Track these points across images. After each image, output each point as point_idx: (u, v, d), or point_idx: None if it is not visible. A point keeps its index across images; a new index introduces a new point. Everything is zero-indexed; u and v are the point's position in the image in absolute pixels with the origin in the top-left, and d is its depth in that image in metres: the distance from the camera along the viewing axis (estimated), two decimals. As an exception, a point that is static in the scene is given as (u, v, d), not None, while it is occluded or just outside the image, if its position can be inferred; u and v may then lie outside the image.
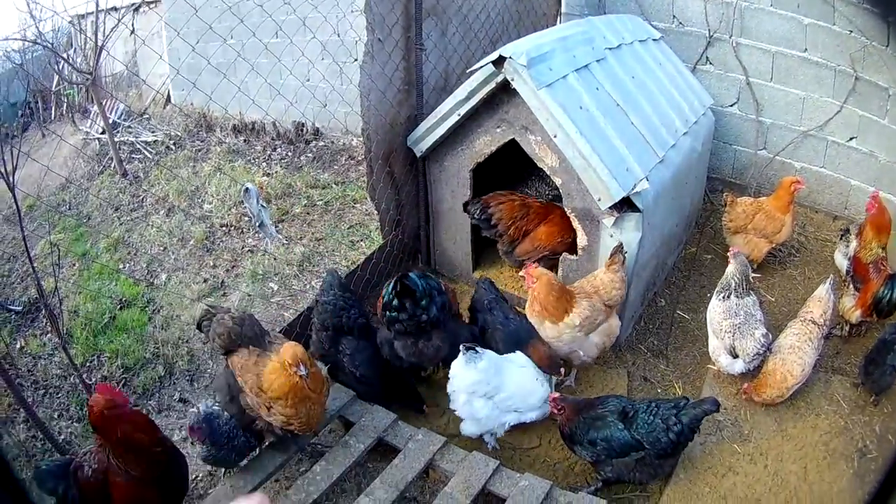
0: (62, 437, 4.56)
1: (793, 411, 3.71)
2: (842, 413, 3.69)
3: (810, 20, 4.87)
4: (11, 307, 5.84)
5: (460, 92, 3.90)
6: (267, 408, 3.23)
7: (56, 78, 9.63)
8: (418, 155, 4.45)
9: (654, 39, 4.94)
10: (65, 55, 8.71)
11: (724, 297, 3.82)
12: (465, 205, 4.48)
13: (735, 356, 3.77)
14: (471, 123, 4.07)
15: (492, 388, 3.44)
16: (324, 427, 3.79)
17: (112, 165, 7.59)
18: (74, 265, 6.37)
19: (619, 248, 3.75)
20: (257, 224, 4.24)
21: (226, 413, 3.37)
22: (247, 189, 4.01)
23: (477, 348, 3.42)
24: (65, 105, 9.79)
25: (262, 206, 3.97)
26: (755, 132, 5.49)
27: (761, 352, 3.66)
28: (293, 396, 3.15)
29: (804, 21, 4.90)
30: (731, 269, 3.84)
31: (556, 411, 3.35)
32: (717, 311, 3.84)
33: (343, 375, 3.86)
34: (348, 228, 6.29)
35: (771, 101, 5.35)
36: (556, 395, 3.39)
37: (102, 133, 8.03)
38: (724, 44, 5.33)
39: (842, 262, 4.54)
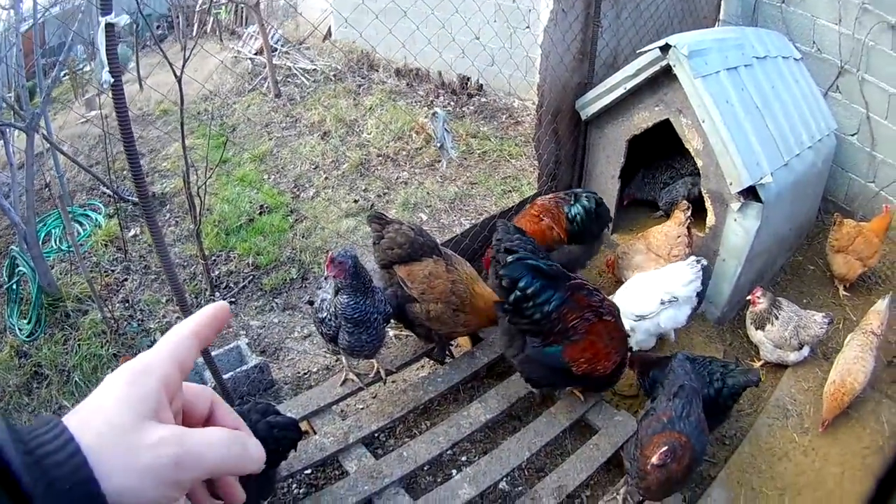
0: (167, 319, 4.75)
1: (846, 419, 3.96)
2: (882, 435, 3.92)
3: (920, 69, 5.06)
4: (129, 198, 5.97)
5: (629, 68, 4.37)
6: (454, 310, 3.50)
7: (204, -6, 9.92)
8: (583, 118, 4.91)
9: (795, 59, 5.26)
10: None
11: (770, 324, 4.22)
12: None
13: (801, 347, 4.20)
14: (633, 98, 4.53)
15: None
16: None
17: (266, 86, 8.07)
18: (213, 169, 6.58)
19: (685, 208, 4.28)
20: (438, 146, 4.65)
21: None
22: (435, 112, 4.45)
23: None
24: (209, 24, 10.13)
25: (446, 129, 4.41)
26: (868, 164, 5.72)
27: (825, 329, 4.11)
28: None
29: (914, 69, 5.10)
30: (763, 307, 4.25)
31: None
32: (772, 335, 4.22)
33: None
34: (501, 179, 6.59)
35: (885, 138, 5.55)
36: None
37: (257, 54, 8.50)
38: (851, 76, 5.55)
39: None
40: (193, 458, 0.66)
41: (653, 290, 3.94)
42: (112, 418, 0.64)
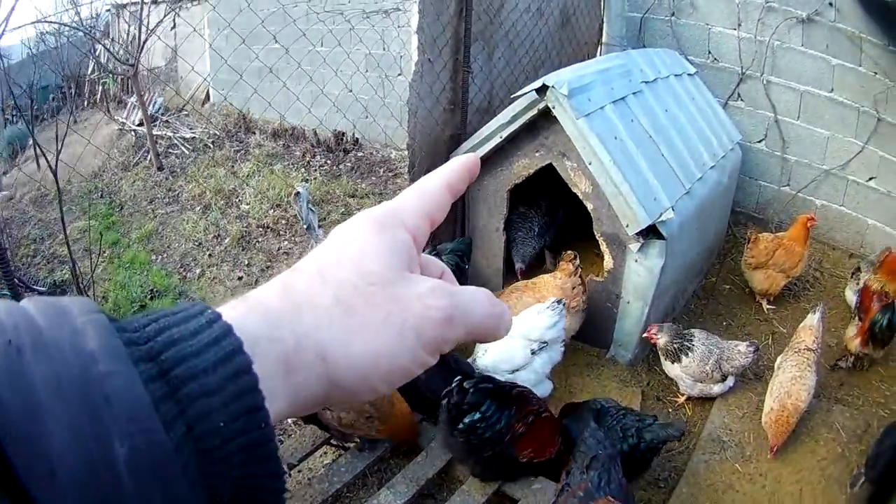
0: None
1: (793, 437, 3.74)
2: (840, 441, 3.73)
3: (838, 61, 4.95)
4: (35, 287, 5.87)
5: (503, 115, 4.03)
6: (367, 417, 3.36)
7: (91, 65, 9.65)
8: (459, 173, 4.54)
9: (689, 74, 5.06)
10: (103, 43, 8.74)
11: (685, 355, 3.91)
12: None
13: (725, 378, 3.93)
14: (511, 146, 4.20)
15: None
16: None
17: (148, 158, 7.65)
18: (105, 253, 6.42)
19: (571, 258, 4.00)
20: (305, 226, 4.34)
21: None
22: (297, 192, 4.13)
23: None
24: (99, 94, 9.77)
25: (310, 209, 4.08)
26: (780, 169, 5.58)
27: (751, 359, 3.84)
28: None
29: (832, 62, 4.98)
30: (664, 341, 3.95)
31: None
32: (690, 370, 3.92)
33: None
34: (384, 239, 6.28)
35: (797, 139, 5.42)
36: None
37: (139, 125, 8.07)
38: (755, 81, 5.42)
39: (851, 298, 4.59)
40: (463, 314, 0.54)
41: (517, 342, 3.68)
42: (366, 265, 0.52)
